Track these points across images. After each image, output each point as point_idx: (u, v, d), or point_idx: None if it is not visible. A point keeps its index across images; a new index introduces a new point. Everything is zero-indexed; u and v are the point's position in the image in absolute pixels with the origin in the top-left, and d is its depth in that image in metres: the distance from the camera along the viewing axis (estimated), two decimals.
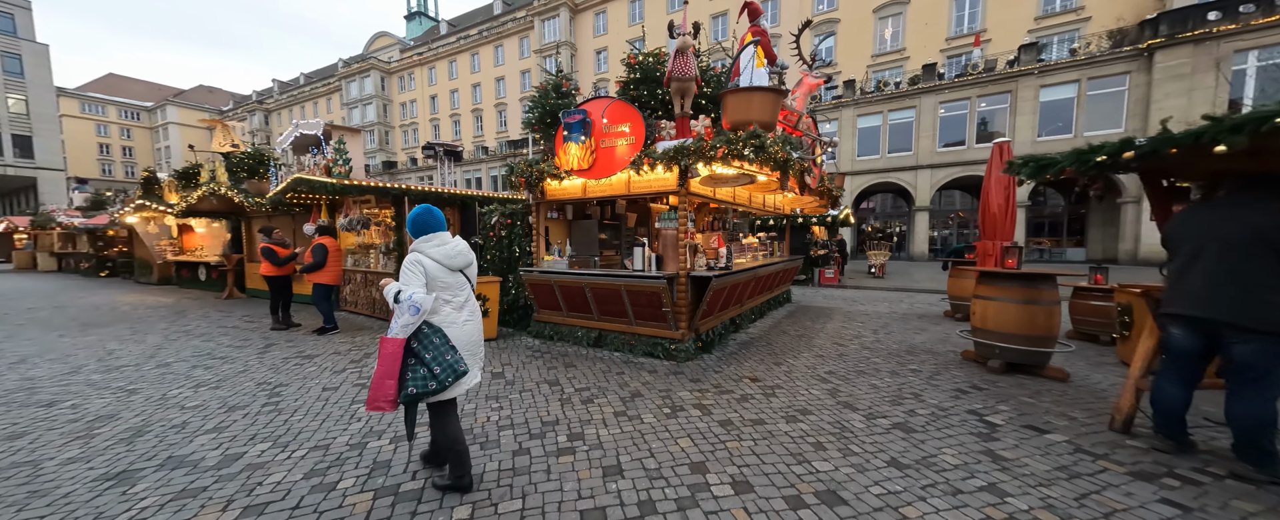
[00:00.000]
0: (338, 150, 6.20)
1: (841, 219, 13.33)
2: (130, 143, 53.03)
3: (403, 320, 2.03)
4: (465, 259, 2.27)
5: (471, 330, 2.25)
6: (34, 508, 2.10)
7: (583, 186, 5.45)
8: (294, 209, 8.69)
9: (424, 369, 2.03)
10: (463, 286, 2.26)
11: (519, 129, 36.80)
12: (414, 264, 2.13)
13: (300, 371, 4.36)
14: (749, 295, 6.58)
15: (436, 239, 2.21)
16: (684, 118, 4.60)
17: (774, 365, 4.53)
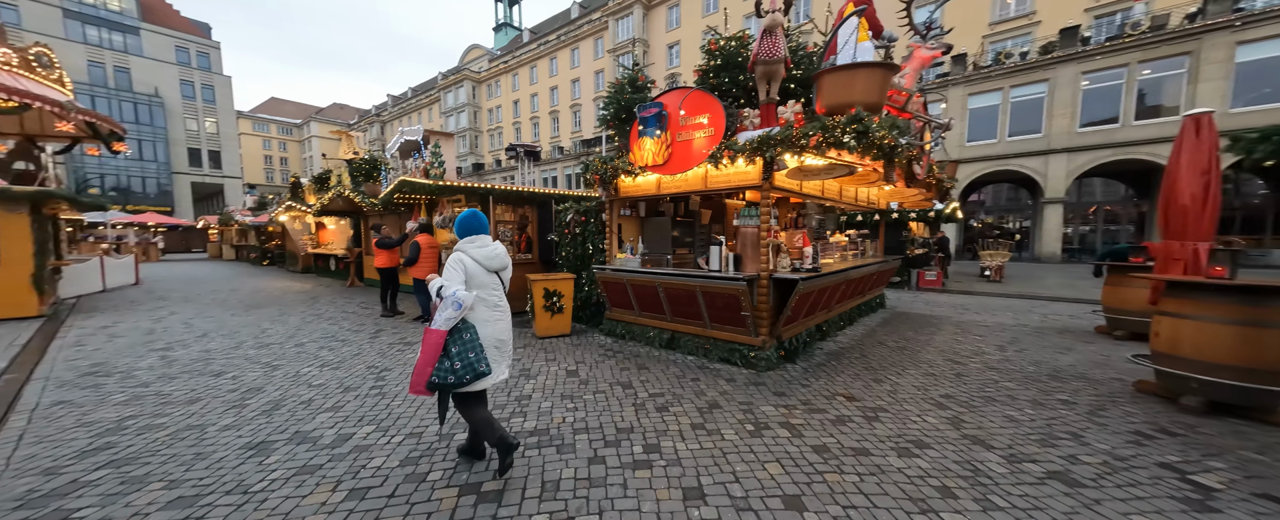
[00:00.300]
0: (434, 154, 6.75)
1: (948, 213, 11.62)
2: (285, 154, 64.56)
3: (446, 314, 2.18)
4: (501, 261, 2.42)
5: (501, 329, 2.40)
6: (197, 469, 2.47)
7: (657, 183, 5.28)
8: (400, 208, 9.74)
9: (448, 363, 2.17)
10: (497, 286, 2.42)
11: (592, 128, 37.91)
12: (457, 262, 2.28)
13: (402, 357, 4.78)
14: (838, 300, 5.93)
15: (479, 241, 2.38)
16: (770, 104, 4.20)
17: (873, 382, 3.96)
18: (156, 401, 3.44)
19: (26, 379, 4.00)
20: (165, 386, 3.79)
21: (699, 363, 4.59)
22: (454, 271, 2.27)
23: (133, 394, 3.61)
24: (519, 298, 7.44)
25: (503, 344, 2.41)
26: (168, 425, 3.01)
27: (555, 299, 5.82)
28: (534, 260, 8.07)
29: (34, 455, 2.57)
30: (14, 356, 4.68)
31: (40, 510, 2.06)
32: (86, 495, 2.18)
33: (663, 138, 4.83)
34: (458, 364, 2.16)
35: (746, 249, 4.72)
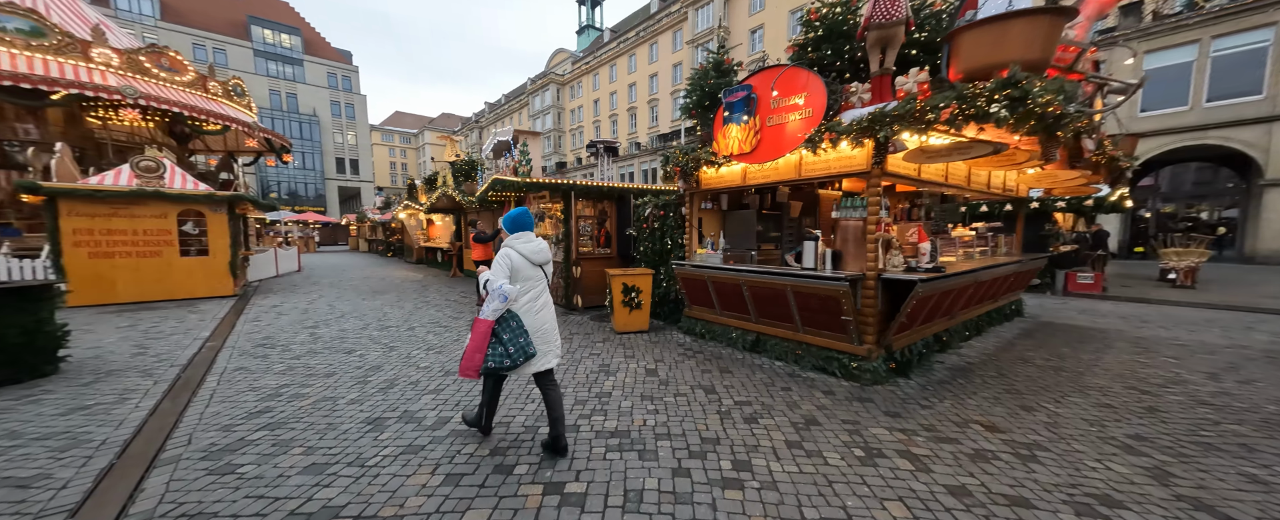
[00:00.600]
0: (522, 152, 7.09)
1: (1111, 201, 9.31)
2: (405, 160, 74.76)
3: (493, 305, 2.36)
4: (545, 256, 2.57)
5: (545, 319, 2.54)
6: (327, 438, 2.79)
7: (742, 173, 4.90)
8: (494, 205, 10.51)
9: (501, 348, 2.36)
10: (540, 280, 2.56)
11: (669, 122, 37.69)
12: (504, 257, 2.44)
13: None
14: (963, 305, 5.00)
15: (525, 237, 2.53)
16: (884, 76, 3.59)
17: (1020, 410, 3.21)
18: (304, 373, 4.03)
19: (221, 346, 5.00)
20: (311, 360, 4.46)
21: (789, 369, 4.16)
22: (501, 266, 2.42)
23: (288, 365, 4.29)
24: (598, 292, 7.56)
25: (549, 334, 2.55)
26: (310, 395, 3.48)
27: (633, 294, 5.75)
28: (612, 255, 8.14)
29: (218, 413, 3.14)
30: (214, 328, 5.92)
31: (216, 463, 2.47)
32: (248, 453, 2.57)
33: (750, 124, 4.44)
34: (511, 349, 2.36)
35: (848, 245, 4.15)
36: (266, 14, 41.55)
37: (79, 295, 7.36)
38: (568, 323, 6.41)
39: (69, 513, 2.00)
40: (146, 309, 7.24)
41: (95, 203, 7.46)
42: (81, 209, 7.37)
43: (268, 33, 40.86)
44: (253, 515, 1.99)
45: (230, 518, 1.98)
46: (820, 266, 4.14)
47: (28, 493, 2.14)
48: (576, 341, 5.26)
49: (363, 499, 2.11)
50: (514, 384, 3.69)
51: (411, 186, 17.07)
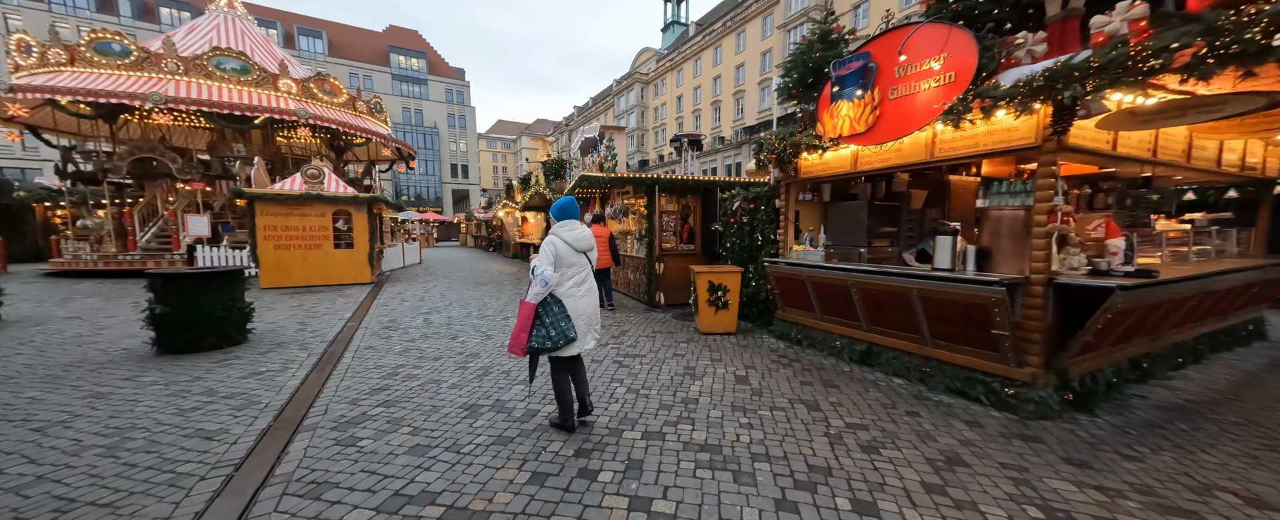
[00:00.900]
0: (608, 148, 7.11)
1: None
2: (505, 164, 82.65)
3: (536, 289, 2.48)
4: (588, 243, 2.66)
5: (587, 304, 2.63)
6: (430, 420, 2.97)
7: (852, 157, 4.23)
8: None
9: (543, 330, 2.47)
10: (584, 266, 2.66)
11: (755, 114, 35.88)
12: (549, 244, 2.55)
13: None
14: (1177, 322, 3.74)
15: (570, 225, 2.64)
16: (1069, 19, 2.74)
17: None
18: (416, 356, 4.44)
19: (357, 327, 5.79)
20: (423, 344, 4.92)
21: (912, 389, 3.47)
22: (546, 252, 2.54)
23: (406, 347, 4.78)
24: (681, 289, 7.31)
25: (591, 318, 2.65)
26: (419, 377, 3.79)
27: (720, 294, 5.38)
28: (696, 251, 7.81)
29: (349, 387, 3.55)
30: (354, 310, 6.93)
31: (343, 434, 2.74)
32: (368, 428, 2.81)
33: (866, 99, 3.79)
34: (552, 331, 2.47)
35: (1001, 240, 3.31)
36: (401, 43, 48.75)
37: (267, 279, 9.22)
38: (650, 320, 6.26)
39: (235, 465, 2.33)
40: (310, 292, 8.80)
41: (278, 204, 9.27)
42: (269, 209, 9.21)
43: (401, 59, 47.90)
44: (364, 490, 2.11)
45: (347, 489, 2.12)
46: (959, 267, 3.37)
47: (210, 444, 2.56)
48: (659, 341, 5.07)
49: (456, 488, 2.13)
50: (592, 387, 3.61)
51: (509, 187, 18.56)
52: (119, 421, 2.82)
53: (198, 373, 3.78)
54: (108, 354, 4.33)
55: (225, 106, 10.65)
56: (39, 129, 11.92)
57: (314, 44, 42.92)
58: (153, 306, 4.29)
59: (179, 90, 10.34)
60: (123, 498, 2.02)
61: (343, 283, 9.90)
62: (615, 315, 6.60)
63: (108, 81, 9.92)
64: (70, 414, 2.92)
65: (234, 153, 12.47)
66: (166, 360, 4.12)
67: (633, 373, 3.91)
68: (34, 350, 4.40)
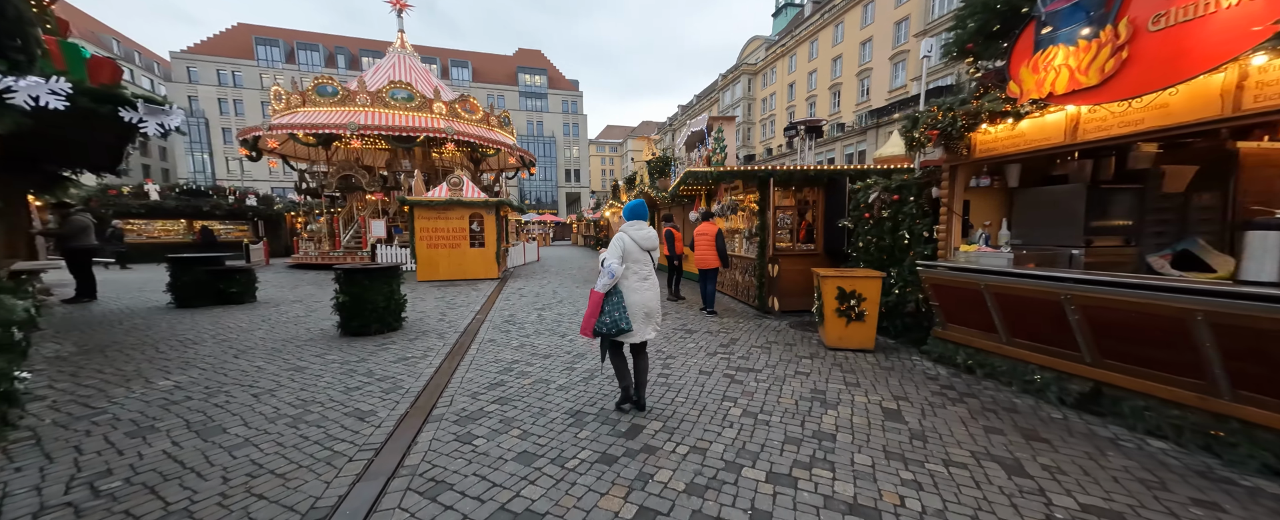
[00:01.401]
0: (717, 140, 6.62)
1: None
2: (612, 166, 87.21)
3: (603, 280, 2.75)
4: (652, 242, 2.92)
5: (648, 298, 2.88)
6: (539, 424, 2.94)
7: (1070, 124, 3.06)
8: (684, 199, 10.52)
9: (605, 318, 2.74)
10: (647, 262, 2.91)
11: (884, 94, 31.25)
12: (618, 241, 2.84)
13: (683, 346, 4.79)
14: None
15: (638, 224, 2.92)
16: None
17: None
18: (530, 352, 4.60)
19: (483, 320, 6.36)
20: (536, 340, 5.12)
21: (1191, 460, 2.31)
22: (615, 247, 2.83)
23: (521, 342, 5.02)
24: (800, 294, 6.45)
25: (650, 310, 2.90)
26: (531, 374, 3.87)
27: (852, 302, 4.50)
28: (817, 251, 6.84)
29: (472, 379, 3.77)
30: (482, 304, 7.69)
31: (462, 429, 2.85)
32: (483, 425, 2.88)
33: (1101, 38, 2.67)
34: (608, 320, 2.74)
35: None
36: (527, 63, 54.72)
37: (422, 273, 10.92)
38: (762, 328, 5.61)
39: (375, 450, 2.53)
40: (452, 285, 10.13)
41: (429, 210, 10.89)
42: (424, 214, 10.88)
43: (526, 76, 53.74)
44: (474, 498, 2.08)
45: (460, 494, 2.11)
46: None
47: (361, 425, 2.87)
48: (776, 354, 4.44)
49: (559, 511, 1.96)
50: (702, 404, 3.22)
51: (615, 187, 19.19)
52: (306, 394, 3.36)
53: (363, 355, 4.43)
54: (310, 333, 5.41)
55: (396, 129, 12.97)
56: (287, 157, 16.11)
57: (462, 73, 50.66)
58: (337, 296, 5.21)
59: (367, 119, 12.92)
60: (293, 469, 2.31)
61: (476, 278, 11.21)
62: (722, 320, 6.09)
63: (323, 116, 12.86)
64: (277, 384, 3.60)
65: (402, 167, 15.16)
66: (345, 341, 4.96)
67: (747, 391, 3.42)
68: (268, 326, 5.73)
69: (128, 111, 3.36)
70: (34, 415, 2.93)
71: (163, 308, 6.89)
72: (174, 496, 2.06)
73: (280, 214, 19.27)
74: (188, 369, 3.94)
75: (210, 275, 7.13)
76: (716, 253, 6.50)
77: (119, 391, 3.38)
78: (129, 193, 15.76)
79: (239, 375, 3.79)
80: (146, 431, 2.72)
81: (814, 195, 7.04)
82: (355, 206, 15.40)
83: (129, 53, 45.78)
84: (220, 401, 3.20)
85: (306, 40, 46.92)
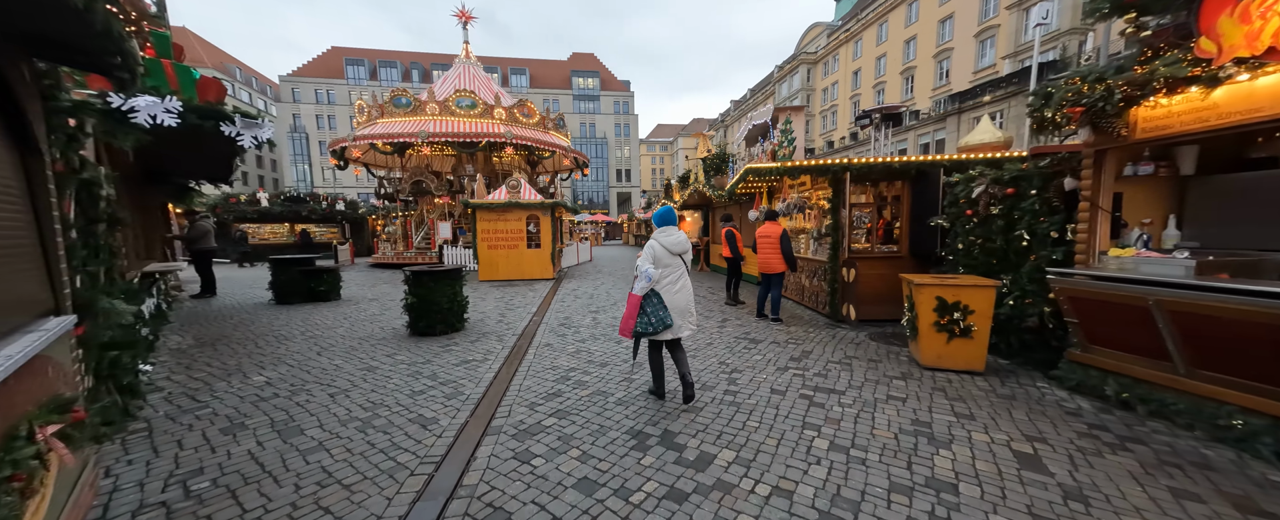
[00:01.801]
0: (783, 132, 6.08)
1: None
2: (662, 165, 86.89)
3: (640, 285, 3.03)
4: (683, 247, 3.16)
5: (682, 299, 3.11)
6: (598, 444, 2.74)
7: None
8: (742, 198, 9.97)
9: (645, 318, 3.00)
10: (679, 266, 3.14)
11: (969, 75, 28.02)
12: (649, 248, 3.13)
13: (748, 358, 4.38)
14: None
15: (667, 231, 3.18)
16: None
17: None
18: (586, 359, 4.44)
19: (541, 322, 6.36)
20: (592, 345, 4.97)
21: None
22: (647, 254, 3.07)
23: (577, 347, 4.90)
24: (880, 302, 5.74)
25: (686, 309, 3.10)
26: (588, 384, 3.69)
27: (957, 315, 3.83)
28: (900, 254, 6.06)
29: (530, 387, 3.66)
30: (539, 305, 7.75)
31: (520, 444, 2.70)
32: (541, 443, 2.72)
33: None
34: (652, 319, 2.96)
35: None
36: (580, 66, 56.08)
37: (483, 274, 11.35)
38: (837, 340, 5.03)
39: (435, 464, 2.45)
40: (510, 285, 10.41)
41: (490, 212, 11.29)
42: (485, 216, 11.30)
43: (580, 80, 55.08)
44: None
45: None
46: None
47: (424, 433, 2.83)
48: (859, 372, 3.90)
49: None
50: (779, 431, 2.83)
51: (667, 186, 18.85)
52: (375, 397, 3.43)
53: (428, 356, 4.52)
54: (384, 331, 5.68)
55: (461, 135, 13.66)
56: (368, 165, 17.64)
57: (520, 79, 52.99)
58: (406, 297, 5.42)
59: (436, 127, 13.73)
60: (358, 481, 2.27)
61: (532, 278, 11.45)
62: (789, 329, 5.57)
63: (398, 126, 13.84)
64: (351, 384, 3.73)
65: (466, 172, 15.97)
66: (413, 342, 5.13)
67: (831, 417, 2.97)
68: (348, 324, 6.13)
69: (227, 125, 3.63)
70: (151, 407, 3.22)
71: (265, 304, 7.68)
72: (251, 503, 2.09)
73: (363, 217, 21.19)
74: (278, 365, 4.23)
75: (302, 275, 7.84)
76: (781, 255, 5.97)
77: (221, 385, 3.67)
78: (245, 200, 18.13)
79: (319, 373, 3.99)
80: (237, 429, 2.87)
81: (898, 190, 6.26)
82: (425, 210, 16.48)
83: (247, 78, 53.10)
84: (301, 400, 3.35)
85: (387, 58, 51.56)
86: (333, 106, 49.49)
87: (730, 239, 7.56)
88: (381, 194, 16.63)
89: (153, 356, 4.48)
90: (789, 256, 5.95)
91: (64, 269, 2.05)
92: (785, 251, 5.95)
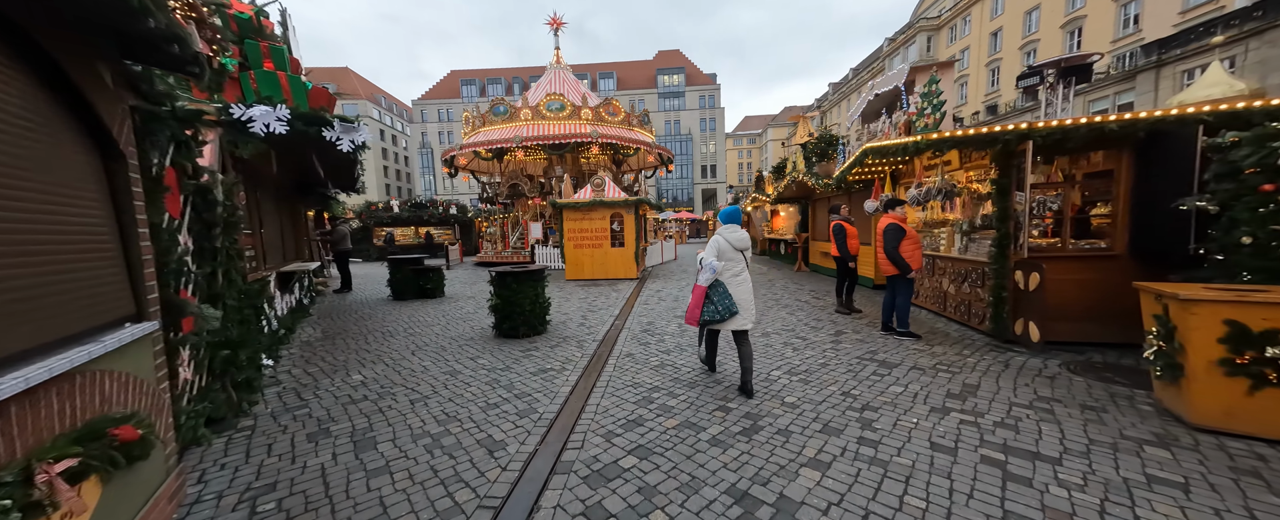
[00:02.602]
0: (925, 95, 4.73)
1: None
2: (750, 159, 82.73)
3: (703, 276, 3.30)
4: (745, 244, 3.39)
5: (743, 291, 3.32)
6: (691, 503, 2.10)
7: None
8: (853, 187, 8.43)
9: (712, 306, 3.26)
10: (740, 260, 3.37)
11: (1173, 17, 21.22)
12: (715, 241, 3.37)
13: (884, 389, 3.34)
14: None
15: (731, 228, 3.41)
16: None
17: None
18: (671, 376, 3.82)
19: (622, 326, 5.92)
20: (677, 358, 4.34)
21: None
22: (712, 247, 3.35)
23: (661, 360, 4.31)
24: (1078, 319, 4.14)
25: (746, 302, 3.30)
26: (675, 411, 3.07)
27: (1274, 352, 2.35)
28: (1114, 251, 4.33)
29: (606, 409, 3.17)
30: (621, 307, 7.35)
31: (594, 493, 2.17)
32: (618, 493, 2.15)
33: None
34: (719, 307, 3.24)
35: None
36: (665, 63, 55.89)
37: (569, 273, 11.45)
38: (1014, 370, 3.67)
39: (493, 511, 2.03)
40: (594, 285, 10.29)
41: (575, 211, 11.33)
42: (571, 215, 11.38)
43: (665, 77, 54.90)
44: None
45: None
46: None
47: (489, 460, 2.48)
48: (1071, 425, 2.67)
49: None
50: None
51: (758, 178, 17.40)
52: (451, 408, 3.23)
53: (509, 361, 4.32)
54: (472, 331, 5.74)
55: (551, 138, 14.08)
56: (475, 172, 19.33)
57: (608, 84, 54.64)
58: (492, 298, 5.37)
59: (529, 131, 14.36)
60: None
61: (617, 277, 11.22)
62: (932, 350, 4.31)
63: (497, 134, 14.77)
64: (433, 390, 3.61)
65: (556, 173, 16.52)
66: (496, 345, 5.03)
67: (1054, 507, 1.91)
68: (444, 323, 6.37)
69: (328, 130, 3.75)
70: (265, 402, 3.41)
71: (385, 300, 8.52)
72: None
73: (471, 220, 23.45)
74: (377, 363, 4.38)
75: (413, 274, 8.53)
76: (887, 255, 4.72)
77: (325, 383, 3.82)
78: (381, 207, 21.22)
79: (408, 374, 3.99)
80: (321, 435, 2.82)
81: (1107, 163, 4.50)
82: (520, 211, 17.49)
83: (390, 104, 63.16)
84: (385, 406, 3.28)
85: (493, 76, 57.16)
86: (452, 123, 56.39)
87: (839, 235, 6.30)
88: (484, 197, 18.05)
89: (287, 348, 5.00)
90: (893, 257, 4.68)
91: (151, 274, 2.02)
92: (889, 251, 4.69)
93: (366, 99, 55.77)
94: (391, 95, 66.42)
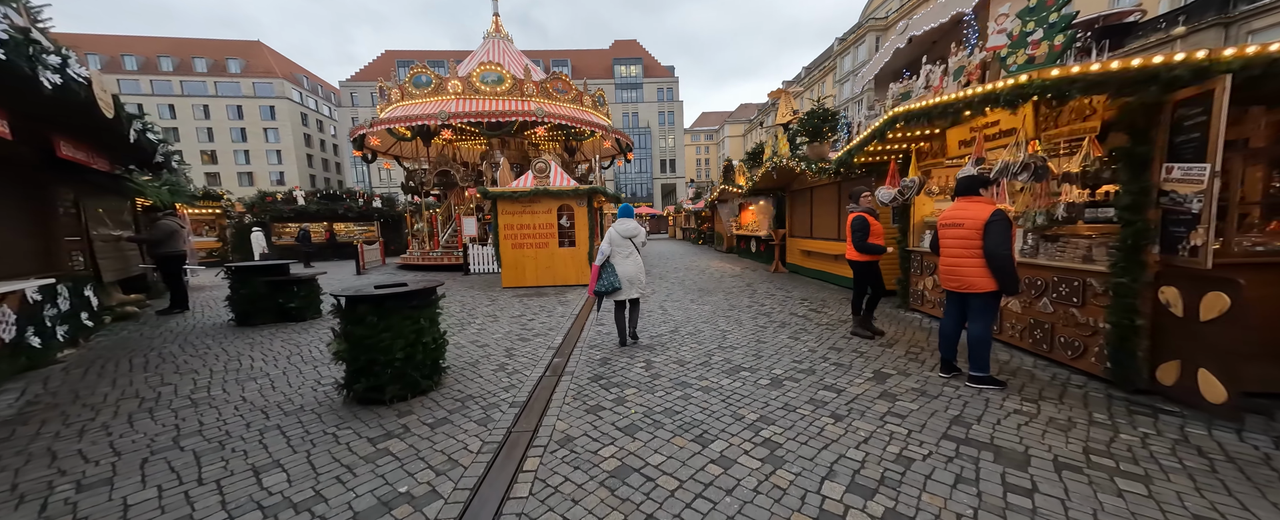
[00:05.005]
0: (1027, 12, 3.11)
1: None
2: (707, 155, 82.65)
3: (599, 258, 4.36)
4: (633, 231, 4.41)
5: (629, 268, 4.36)
6: None
7: None
8: (858, 170, 6.91)
9: (603, 280, 4.28)
10: (626, 245, 4.40)
11: None
12: (608, 235, 4.40)
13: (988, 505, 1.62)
14: None
15: (622, 221, 4.46)
16: None
17: None
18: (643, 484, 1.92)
19: (566, 367, 3.94)
20: (650, 437, 2.45)
21: None
22: (606, 239, 4.40)
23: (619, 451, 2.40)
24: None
25: (633, 278, 4.36)
26: None
27: None
28: None
29: None
30: (566, 332, 5.34)
31: None
32: None
33: None
34: (605, 282, 4.28)
35: None
36: (622, 54, 53.72)
37: (507, 278, 9.19)
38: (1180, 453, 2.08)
39: None
40: (537, 295, 8.12)
41: (514, 203, 9.10)
42: (508, 208, 9.13)
43: (622, 68, 52.75)
44: None
45: None
46: None
47: None
48: None
49: None
50: None
51: (728, 167, 15.90)
52: None
53: (337, 470, 2.21)
54: (315, 390, 3.53)
55: (486, 115, 11.63)
56: (398, 157, 16.28)
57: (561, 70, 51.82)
58: (334, 342, 3.16)
59: (459, 106, 11.81)
60: None
61: (566, 283, 9.15)
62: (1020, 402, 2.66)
63: (418, 109, 12.08)
64: None
65: (495, 159, 14.03)
66: (339, 420, 2.89)
67: None
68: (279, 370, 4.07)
69: None
70: None
71: (223, 325, 5.92)
72: None
73: (401, 215, 20.19)
74: (62, 484, 2.09)
75: (270, 288, 5.98)
76: (988, 263, 3.07)
77: None
78: (281, 198, 17.52)
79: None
80: None
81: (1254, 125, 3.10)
82: (453, 203, 14.81)
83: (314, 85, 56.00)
84: None
85: (434, 58, 52.14)
86: None
87: (859, 230, 4.66)
88: (408, 187, 15.16)
89: None
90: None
91: None
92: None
93: (284, 78, 48.98)
94: (316, 76, 59.14)
